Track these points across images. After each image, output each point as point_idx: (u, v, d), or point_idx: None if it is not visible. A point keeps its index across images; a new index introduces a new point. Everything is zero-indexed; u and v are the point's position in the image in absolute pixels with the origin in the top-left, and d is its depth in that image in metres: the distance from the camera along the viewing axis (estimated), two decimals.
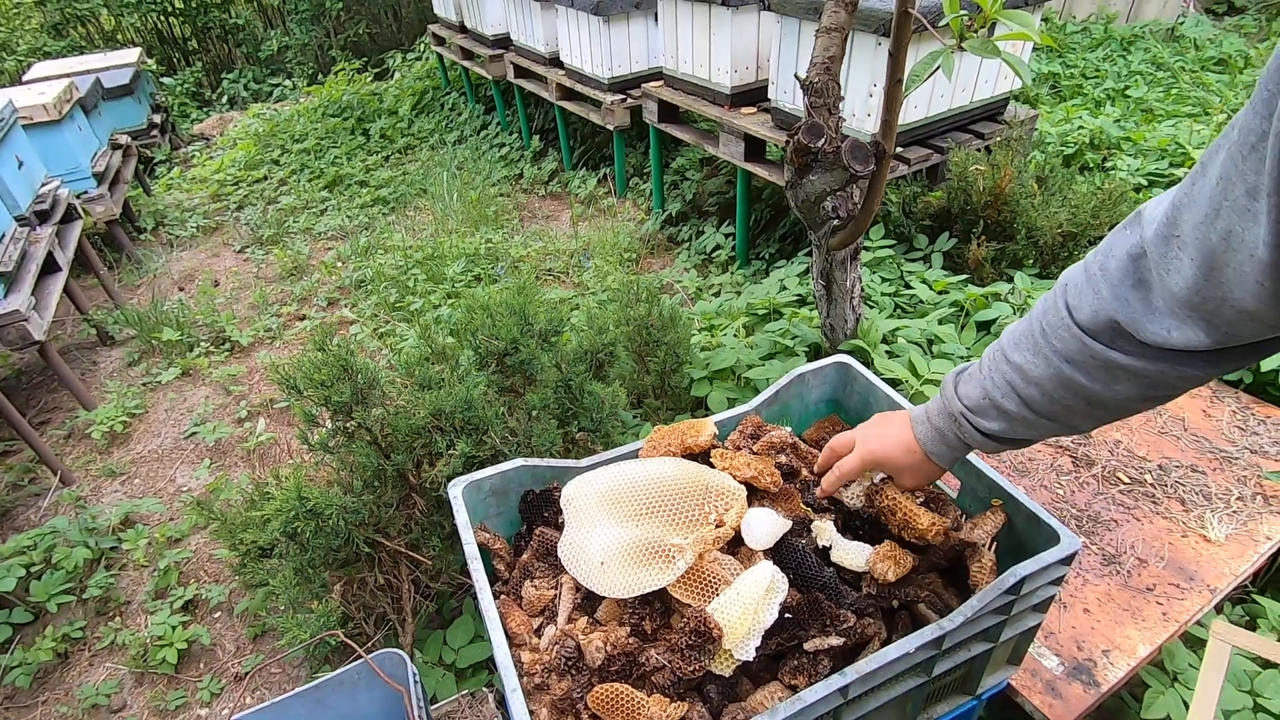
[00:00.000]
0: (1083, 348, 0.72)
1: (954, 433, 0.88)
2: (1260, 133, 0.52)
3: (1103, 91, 4.26)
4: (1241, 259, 0.57)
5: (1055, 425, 0.80)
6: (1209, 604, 1.40)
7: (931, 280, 2.31)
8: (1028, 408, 0.79)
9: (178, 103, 7.37)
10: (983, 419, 0.84)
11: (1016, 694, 1.25)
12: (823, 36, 1.57)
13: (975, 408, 0.85)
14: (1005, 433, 0.83)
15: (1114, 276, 0.69)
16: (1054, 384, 0.75)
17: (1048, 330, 0.75)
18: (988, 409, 0.83)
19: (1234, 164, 0.56)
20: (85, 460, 2.83)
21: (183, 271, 4.28)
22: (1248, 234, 0.55)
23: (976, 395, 0.84)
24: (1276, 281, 0.56)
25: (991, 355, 0.84)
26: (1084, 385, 0.73)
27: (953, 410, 0.88)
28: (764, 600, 0.87)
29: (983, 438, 0.85)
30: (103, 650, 2.09)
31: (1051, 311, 0.76)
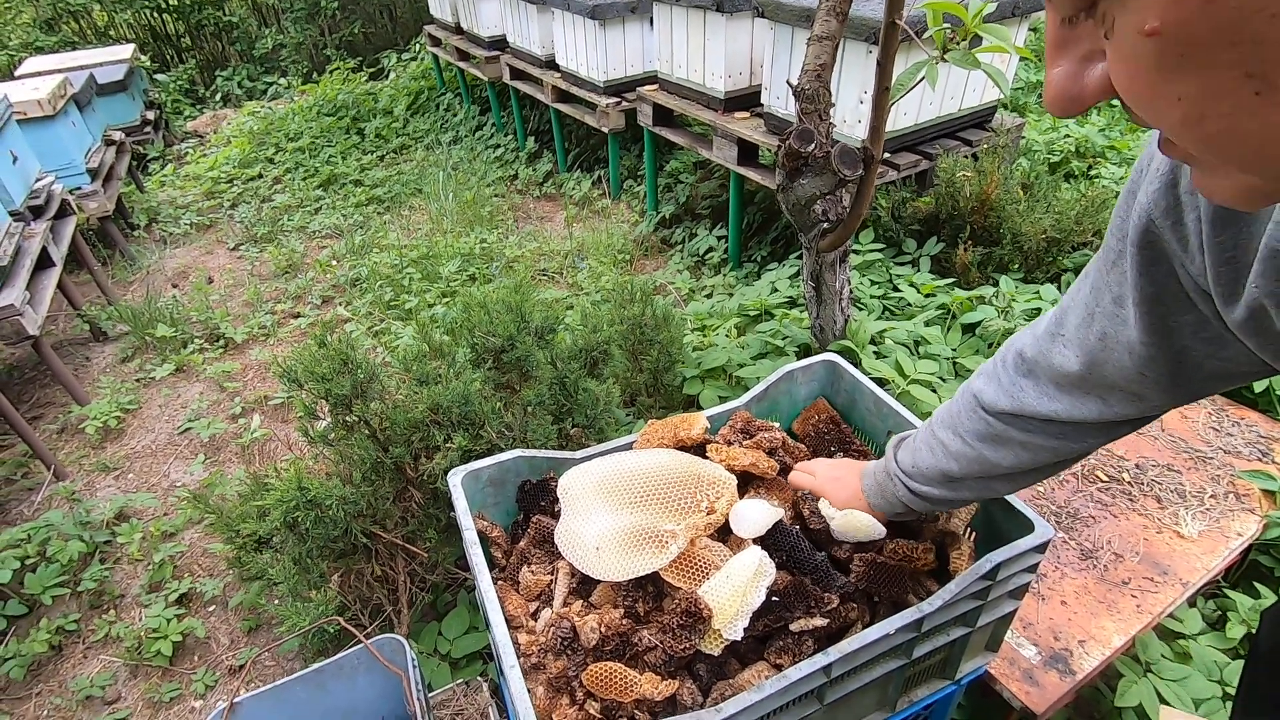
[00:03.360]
0: (988, 428, 0.84)
1: (892, 492, 0.99)
2: (1118, 250, 0.60)
3: None
4: (1120, 356, 0.65)
5: (975, 490, 0.92)
6: (1181, 597, 1.45)
7: (919, 283, 2.36)
8: (947, 478, 0.91)
9: (171, 99, 7.35)
10: (913, 482, 0.96)
11: (995, 681, 1.30)
12: (814, 44, 1.62)
13: (908, 472, 0.97)
14: (932, 496, 0.94)
15: (1010, 369, 0.81)
16: (968, 459, 0.88)
17: (961, 413, 0.88)
18: (916, 475, 0.95)
19: (1101, 275, 0.65)
20: (79, 455, 2.84)
21: (176, 268, 4.28)
22: (1120, 335, 0.64)
23: (908, 462, 0.97)
24: (1157, 370, 0.63)
25: (926, 429, 0.97)
26: (992, 459, 0.85)
27: (890, 470, 1.00)
28: (752, 583, 0.91)
29: (914, 498, 0.96)
30: (97, 643, 2.10)
31: (965, 398, 0.88)
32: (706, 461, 1.10)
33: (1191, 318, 0.58)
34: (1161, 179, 0.52)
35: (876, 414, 1.31)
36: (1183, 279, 0.56)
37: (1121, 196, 0.59)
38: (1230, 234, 0.48)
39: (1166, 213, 0.53)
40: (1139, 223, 0.55)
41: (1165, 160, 0.52)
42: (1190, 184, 0.50)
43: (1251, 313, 0.49)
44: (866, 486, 1.05)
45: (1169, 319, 0.59)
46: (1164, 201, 0.52)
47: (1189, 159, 0.35)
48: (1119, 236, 0.60)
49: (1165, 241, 0.54)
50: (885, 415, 1.28)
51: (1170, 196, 0.52)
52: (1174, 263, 0.55)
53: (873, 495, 1.03)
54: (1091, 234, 2.45)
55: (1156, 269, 0.57)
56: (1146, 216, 0.55)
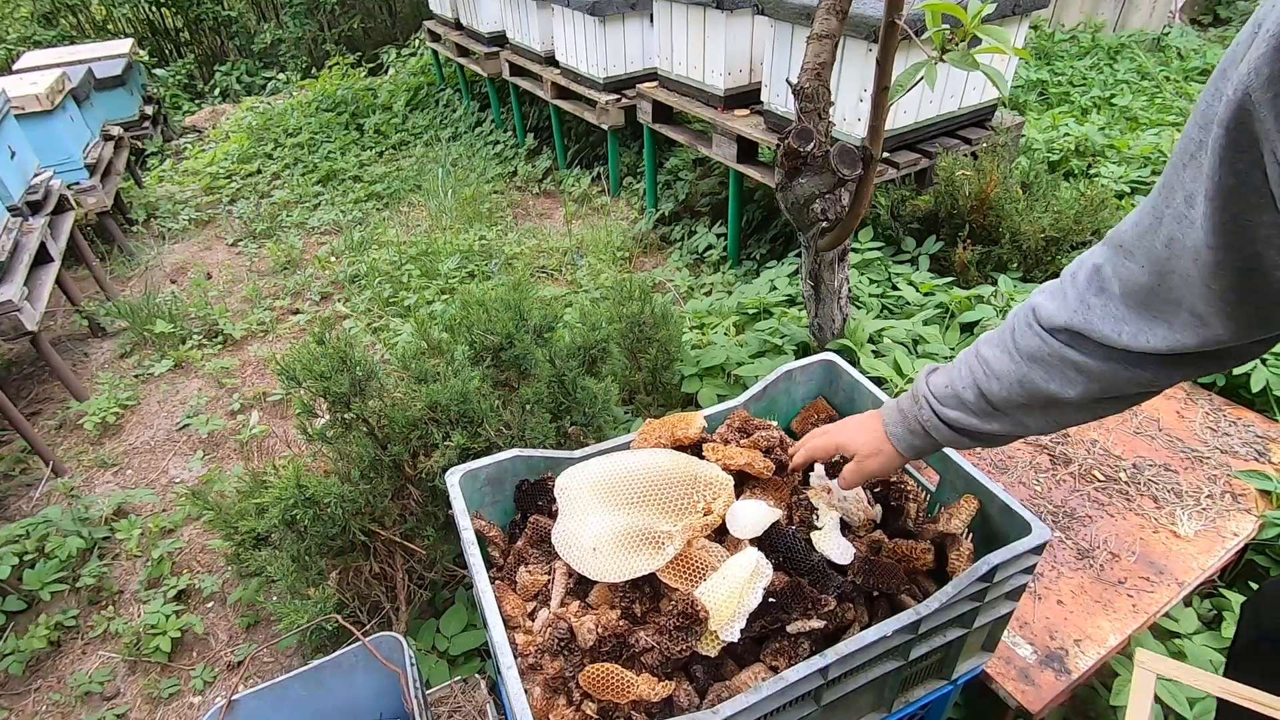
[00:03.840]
0: (1043, 345, 0.77)
1: (915, 416, 0.93)
2: (1198, 141, 0.56)
3: (1089, 99, 4.33)
4: (1186, 264, 0.60)
5: (1008, 421, 0.85)
6: (1177, 597, 1.45)
7: (918, 282, 2.36)
8: (985, 399, 0.85)
9: (170, 94, 7.34)
10: (944, 406, 0.89)
11: (991, 680, 1.30)
12: (814, 43, 1.62)
13: (939, 394, 0.90)
14: (960, 422, 0.88)
15: (1080, 283, 0.75)
16: (1013, 379, 0.81)
17: (1015, 329, 0.81)
18: (949, 397, 0.89)
19: (1175, 173, 0.60)
20: (77, 451, 2.83)
21: (175, 264, 4.27)
22: (1188, 239, 0.59)
23: (942, 383, 0.90)
24: (1223, 283, 0.59)
25: (966, 352, 0.90)
26: (1039, 383, 0.78)
27: (918, 393, 0.94)
28: (749, 584, 0.91)
29: (940, 424, 0.90)
30: (95, 639, 2.11)
31: (1022, 314, 0.82)
32: (703, 462, 1.10)
33: (1270, 217, 0.53)
34: (1271, 41, 0.46)
35: None
36: (1270, 170, 0.51)
37: (1212, 78, 0.54)
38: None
39: (1270, 82, 0.47)
40: (1234, 98, 0.50)
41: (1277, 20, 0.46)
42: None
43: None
44: (888, 418, 0.98)
45: (1244, 217, 0.54)
46: (1269, 69, 0.47)
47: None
48: (1202, 124, 0.55)
49: (1260, 120, 0.49)
50: None
51: (1277, 62, 0.47)
52: (1264, 148, 0.50)
53: (894, 424, 0.97)
54: (1090, 233, 2.45)
55: (1242, 156, 0.52)
56: (1244, 89, 0.49)
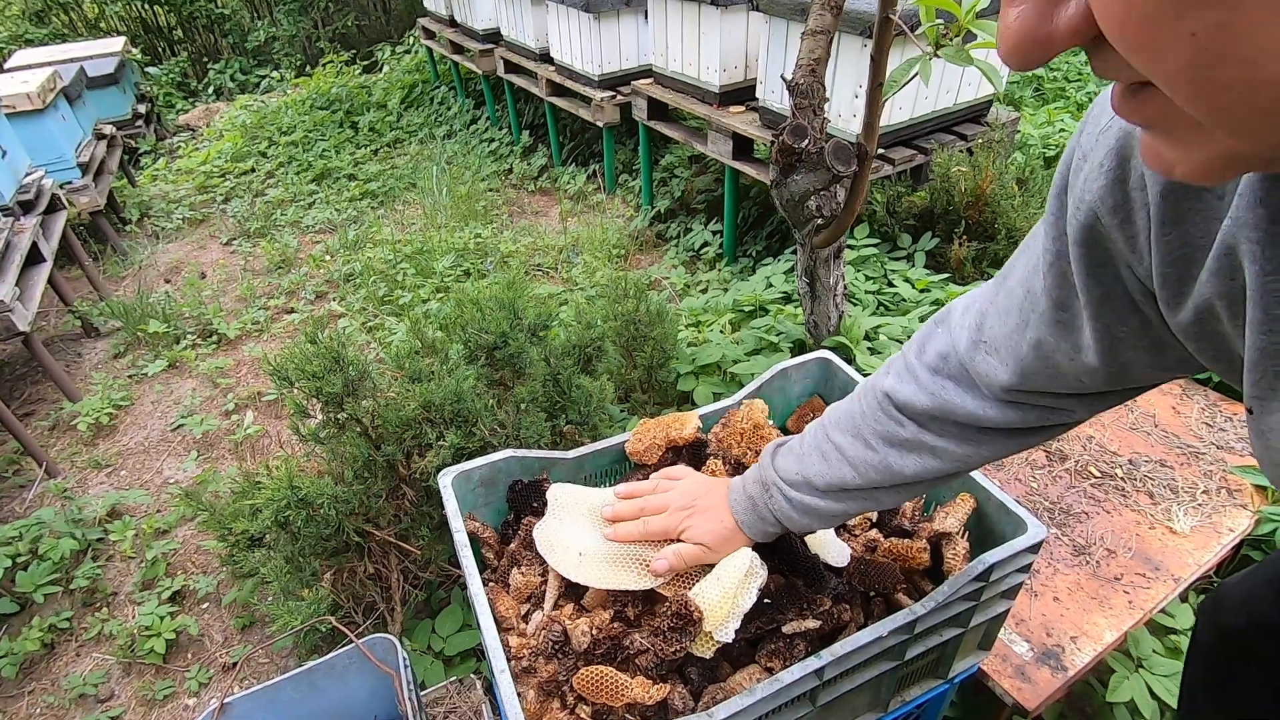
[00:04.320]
0: (901, 430, 0.76)
1: (764, 502, 0.88)
2: (1055, 252, 0.55)
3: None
4: (1058, 361, 0.60)
5: (861, 502, 0.83)
6: (1173, 593, 1.45)
7: (914, 279, 2.35)
8: (840, 487, 0.82)
9: (163, 93, 7.30)
10: (795, 492, 0.85)
11: (987, 678, 1.30)
12: (808, 39, 1.61)
13: (789, 480, 0.86)
14: (812, 508, 0.84)
15: (929, 367, 0.74)
16: (869, 465, 0.79)
17: (867, 414, 0.79)
18: (800, 484, 0.85)
19: (1038, 279, 0.59)
20: (71, 452, 2.82)
21: (169, 263, 4.25)
22: (1061, 343, 0.59)
23: (792, 469, 0.86)
24: (1095, 380, 0.60)
25: (813, 432, 0.86)
26: (894, 466, 0.77)
27: (766, 480, 0.88)
28: (743, 584, 0.90)
29: (791, 510, 0.86)
30: (89, 641, 2.10)
31: (870, 396, 0.80)
32: None
33: (1136, 322, 0.54)
34: (1107, 175, 0.48)
35: None
36: (1128, 281, 0.52)
37: (1051, 196, 0.55)
38: (1178, 232, 0.45)
39: (1114, 210, 0.49)
40: (1083, 221, 0.51)
41: (1109, 153, 0.48)
42: (1139, 179, 0.46)
43: (1198, 315, 0.47)
44: (736, 507, 0.92)
45: (1114, 327, 0.55)
46: (1111, 199, 0.48)
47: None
48: (1055, 235, 0.55)
49: (1111, 241, 0.51)
50: None
51: (1118, 193, 0.48)
52: (1119, 264, 0.52)
53: (742, 511, 0.91)
54: None
55: (1103, 271, 0.53)
56: (1092, 214, 0.50)
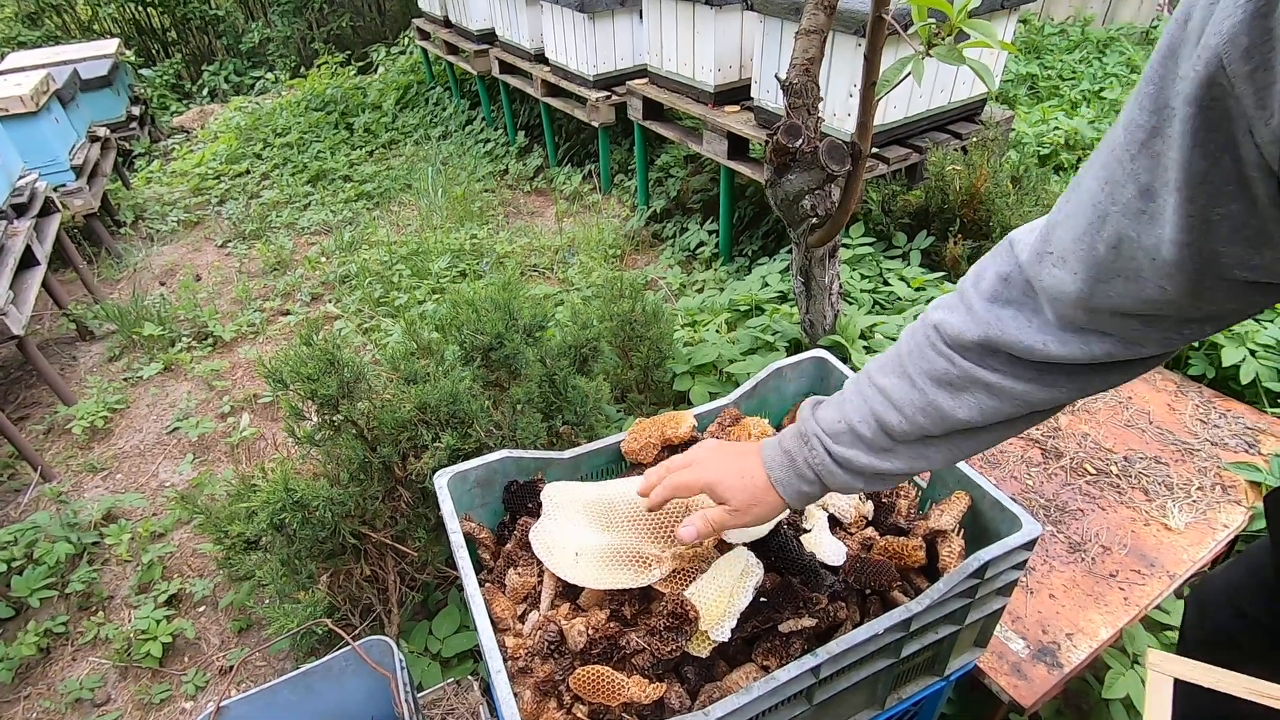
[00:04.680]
0: (950, 367, 0.70)
1: (805, 459, 0.81)
2: (1150, 128, 0.50)
3: (1079, 93, 4.34)
4: (1137, 262, 0.55)
5: (908, 456, 0.77)
6: (1168, 589, 1.45)
7: (909, 277, 2.36)
8: (885, 433, 0.76)
9: (157, 95, 7.28)
10: (836, 444, 0.78)
11: (984, 675, 1.30)
12: (802, 38, 1.61)
13: (830, 431, 0.79)
14: (855, 461, 0.78)
15: (985, 294, 0.67)
16: (916, 407, 0.73)
17: (914, 352, 0.73)
18: (842, 433, 0.78)
19: (1120, 166, 0.53)
20: (66, 456, 2.81)
21: (164, 266, 4.24)
22: (1144, 237, 0.53)
23: (833, 418, 0.79)
24: (1176, 287, 0.54)
25: (855, 380, 0.80)
26: (945, 409, 0.71)
27: (805, 431, 0.81)
28: (739, 583, 0.91)
29: (834, 466, 0.79)
30: (85, 645, 2.09)
31: (919, 333, 0.74)
32: None
33: (1239, 207, 0.47)
34: (1243, 10, 0.41)
35: None
36: (1243, 149, 0.45)
37: (1157, 59, 0.49)
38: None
39: (1248, 53, 0.41)
40: (1203, 75, 0.44)
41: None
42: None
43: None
44: (771, 462, 0.84)
45: (1212, 209, 0.48)
46: (1246, 38, 0.41)
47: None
48: (1155, 108, 0.49)
49: (1235, 98, 0.44)
50: None
51: (1256, 30, 0.41)
52: (1238, 127, 0.45)
53: (777, 468, 0.83)
54: None
55: (1214, 136, 0.46)
56: (1215, 63, 0.43)
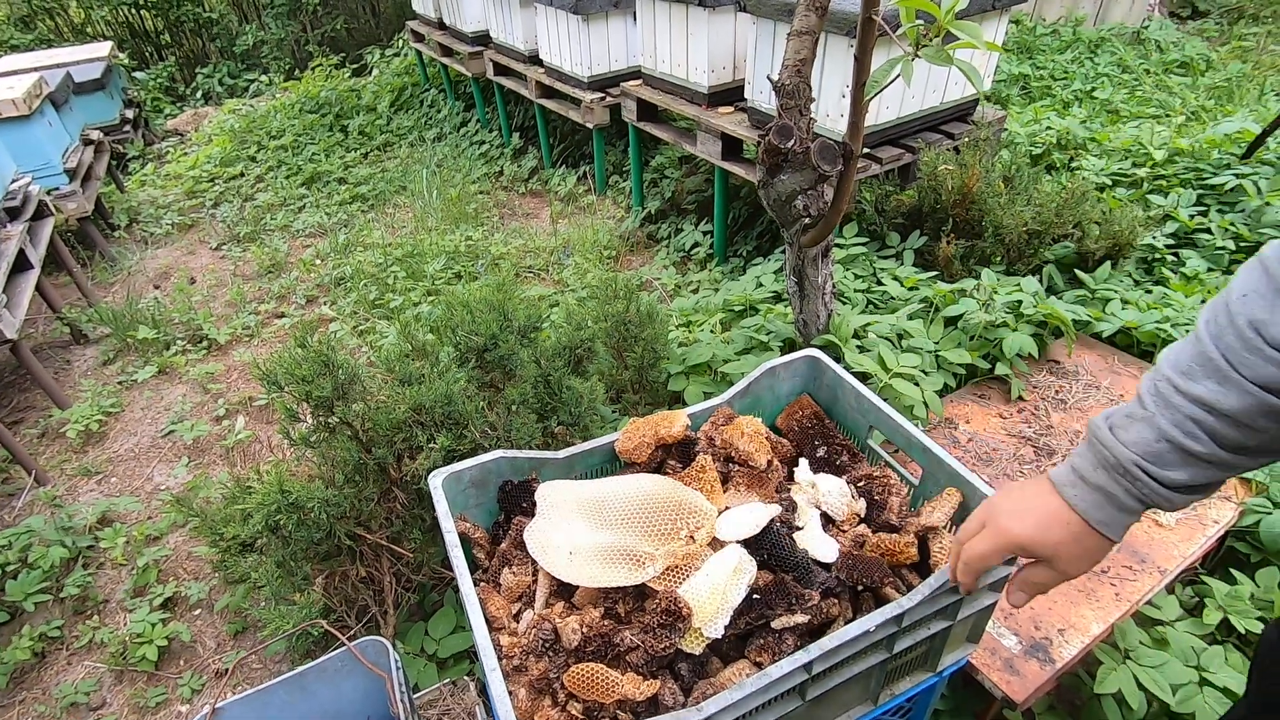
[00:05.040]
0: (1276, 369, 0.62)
1: (1126, 491, 0.72)
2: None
3: (1070, 93, 4.37)
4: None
5: (1255, 459, 0.68)
6: (1159, 584, 1.47)
7: (902, 277, 2.37)
8: (1221, 446, 0.67)
9: (151, 98, 7.26)
10: (1165, 470, 0.69)
11: (976, 671, 1.31)
12: (794, 39, 1.62)
13: (1152, 455, 0.70)
14: (1194, 480, 0.69)
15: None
16: (1253, 414, 0.64)
17: (1231, 356, 0.64)
18: (1167, 455, 0.69)
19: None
20: (60, 459, 2.80)
21: (158, 269, 4.23)
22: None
23: (1150, 439, 0.70)
24: None
25: (1156, 391, 0.70)
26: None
27: (1120, 461, 0.71)
28: (732, 580, 0.91)
29: (1168, 491, 0.70)
30: (81, 649, 2.09)
31: (1230, 334, 0.64)
32: (689, 490, 1.10)
33: None
34: None
35: (858, 409, 1.32)
36: None
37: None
38: None
39: None
40: None
41: None
42: None
43: None
44: (1078, 501, 0.75)
45: None
46: None
47: None
48: None
49: None
50: (866, 410, 1.29)
51: None
52: None
53: (1095, 509, 0.74)
54: (1072, 225, 2.47)
55: None
56: None
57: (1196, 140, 3.14)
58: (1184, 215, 2.63)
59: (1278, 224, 2.51)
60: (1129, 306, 2.20)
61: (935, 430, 1.87)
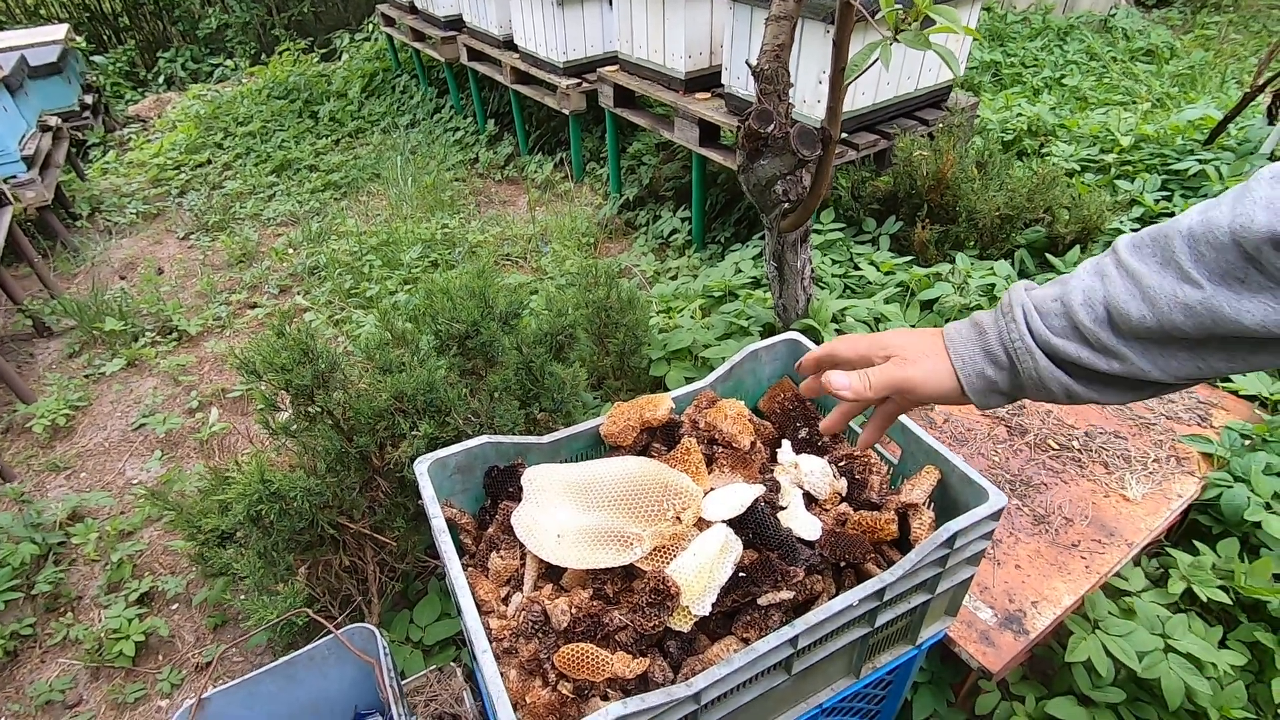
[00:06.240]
0: (1238, 258, 0.55)
1: (999, 331, 0.67)
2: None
3: (1040, 80, 4.43)
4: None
5: (1137, 359, 0.61)
6: (1127, 556, 1.52)
7: (879, 262, 2.40)
8: (1114, 326, 0.61)
9: (110, 83, 7.04)
10: (1045, 325, 0.64)
11: (954, 644, 1.35)
12: (772, 24, 1.62)
13: (1041, 307, 0.65)
14: (1064, 351, 0.63)
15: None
16: (1175, 305, 0.57)
17: (1196, 238, 0.57)
18: (1056, 314, 0.64)
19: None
20: (27, 455, 2.73)
21: (123, 259, 4.13)
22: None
23: (1049, 295, 0.65)
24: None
25: (1095, 260, 0.64)
26: (1224, 309, 0.56)
27: (1007, 302, 0.67)
28: (719, 559, 0.93)
29: (1035, 346, 0.64)
30: (55, 646, 2.05)
31: (1202, 221, 0.57)
32: (675, 471, 1.11)
33: None
34: None
35: None
36: None
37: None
38: None
39: None
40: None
41: None
42: None
43: None
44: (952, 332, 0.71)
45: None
46: None
47: None
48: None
49: None
50: None
51: None
52: None
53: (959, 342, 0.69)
54: (1043, 210, 2.52)
55: None
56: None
57: (1161, 127, 3.22)
58: (1149, 200, 2.70)
59: None
60: None
61: (913, 412, 1.91)
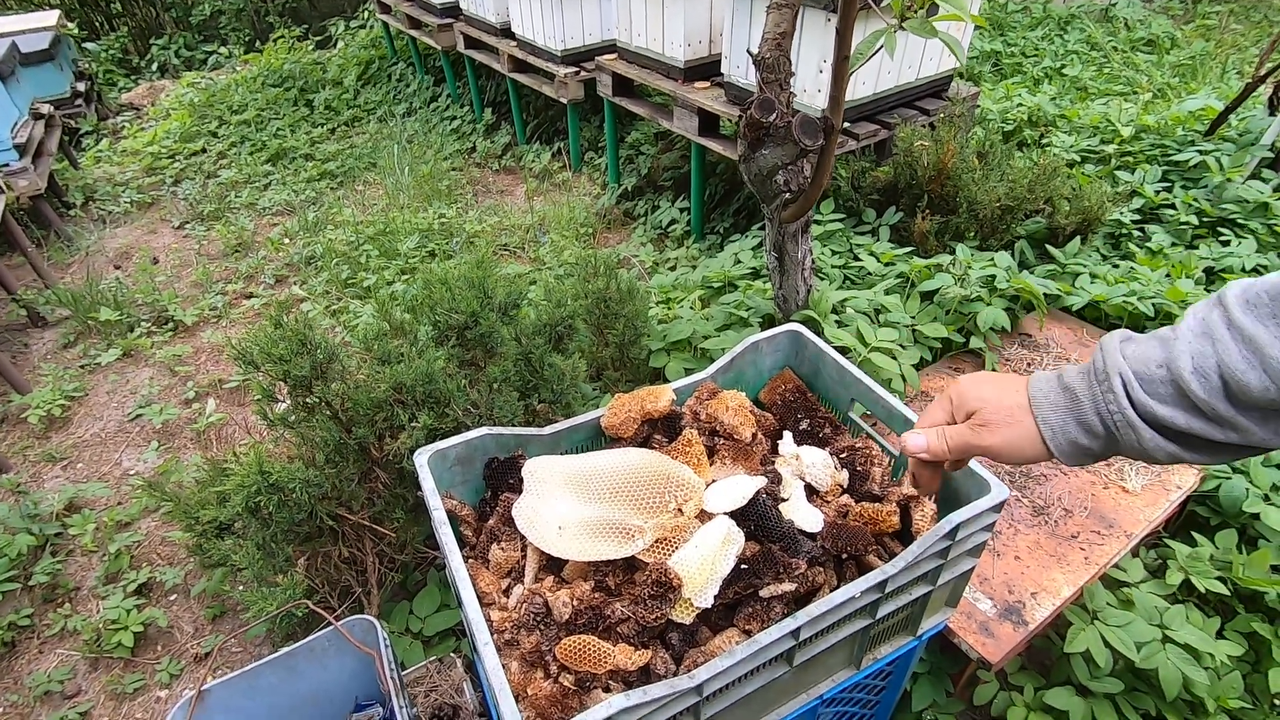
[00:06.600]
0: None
1: (1094, 401, 0.61)
2: None
3: (1041, 70, 4.41)
4: None
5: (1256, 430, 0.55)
6: (1126, 548, 1.52)
7: (879, 252, 2.39)
8: (1229, 395, 0.54)
9: (103, 70, 6.96)
10: (1149, 395, 0.58)
11: (954, 634, 1.35)
12: (774, 12, 1.60)
13: (1142, 374, 0.59)
14: (1169, 421, 0.57)
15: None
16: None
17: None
18: (1161, 381, 0.58)
19: None
20: (22, 446, 2.72)
21: (118, 249, 4.09)
22: None
23: (1154, 359, 0.58)
24: None
25: (1201, 317, 0.57)
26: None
27: (1105, 368, 0.60)
28: (721, 551, 0.93)
29: (1137, 420, 0.58)
30: (53, 637, 2.05)
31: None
32: (677, 463, 1.10)
33: None
34: None
35: (840, 382, 1.33)
36: None
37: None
38: None
39: None
40: None
41: None
42: None
43: None
44: (1039, 393, 0.65)
45: None
46: None
47: None
48: None
49: None
50: (849, 383, 1.31)
51: None
52: None
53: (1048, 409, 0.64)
54: (1043, 201, 2.51)
55: None
56: None
57: (1162, 117, 3.20)
58: (1150, 191, 2.69)
59: (1238, 199, 2.58)
60: (1097, 280, 2.25)
61: (913, 403, 1.90)
